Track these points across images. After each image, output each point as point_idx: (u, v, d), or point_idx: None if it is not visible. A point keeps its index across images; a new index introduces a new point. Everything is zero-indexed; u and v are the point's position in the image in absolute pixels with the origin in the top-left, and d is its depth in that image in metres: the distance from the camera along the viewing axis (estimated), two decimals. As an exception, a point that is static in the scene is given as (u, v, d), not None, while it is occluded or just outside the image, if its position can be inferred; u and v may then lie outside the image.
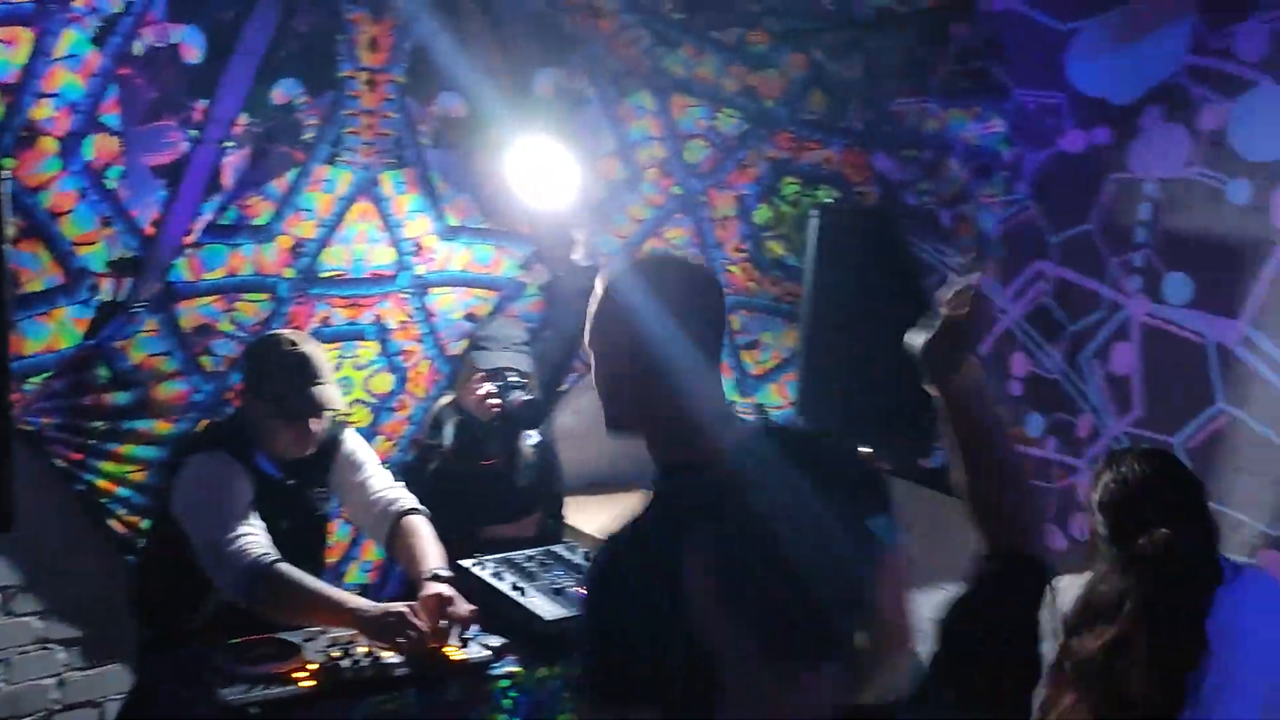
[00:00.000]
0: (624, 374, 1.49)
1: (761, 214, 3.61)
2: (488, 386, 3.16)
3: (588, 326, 1.55)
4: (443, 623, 2.32)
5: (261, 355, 2.60)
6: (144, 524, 3.09)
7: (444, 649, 2.31)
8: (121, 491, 3.05)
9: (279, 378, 2.49)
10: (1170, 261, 2.90)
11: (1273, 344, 2.73)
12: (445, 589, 2.37)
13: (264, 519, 2.44)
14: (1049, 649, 2.09)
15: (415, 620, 2.26)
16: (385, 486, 2.72)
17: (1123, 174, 2.96)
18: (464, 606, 2.35)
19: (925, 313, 3.34)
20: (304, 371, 2.49)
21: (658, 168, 3.56)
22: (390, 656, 2.26)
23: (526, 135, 3.31)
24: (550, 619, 2.38)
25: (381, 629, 2.24)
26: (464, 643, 2.36)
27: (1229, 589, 1.97)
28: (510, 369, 3.21)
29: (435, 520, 3.52)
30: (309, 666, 2.20)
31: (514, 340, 3.36)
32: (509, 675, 2.36)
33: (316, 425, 2.53)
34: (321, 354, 2.57)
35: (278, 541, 2.45)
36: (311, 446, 2.56)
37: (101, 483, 3.02)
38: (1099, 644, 1.91)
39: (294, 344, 2.55)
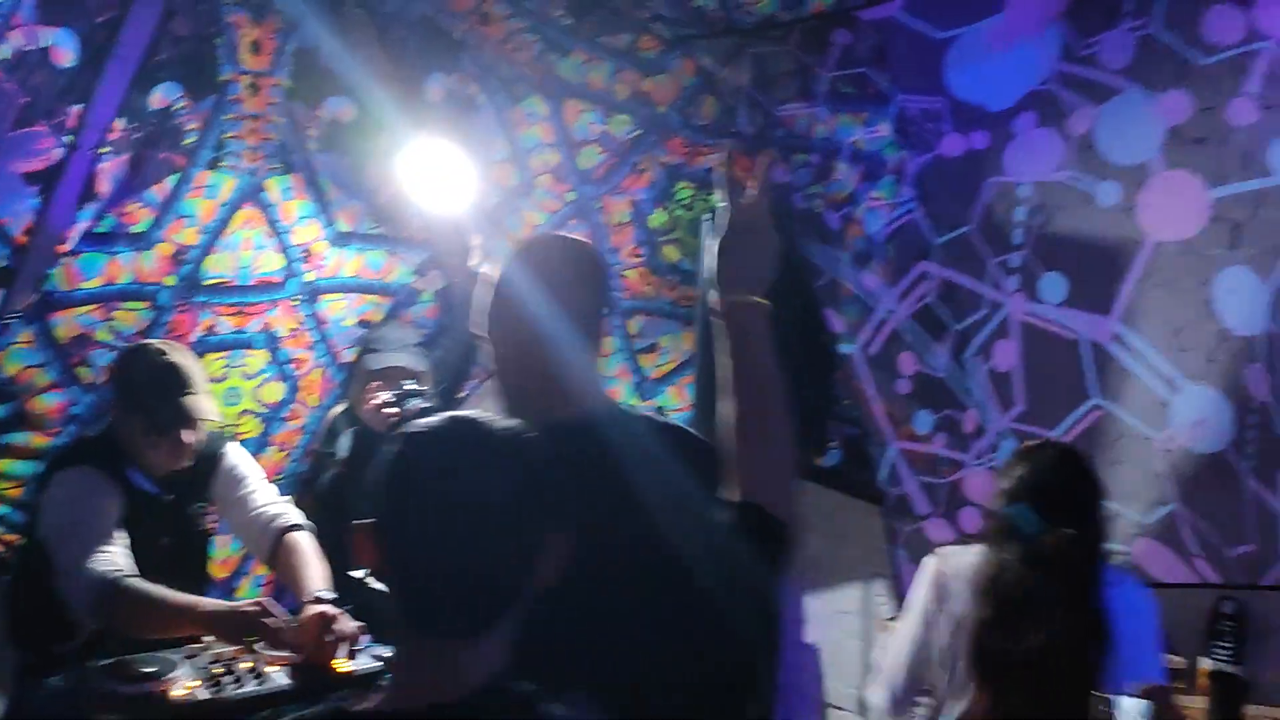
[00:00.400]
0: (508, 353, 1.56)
1: (656, 219, 3.64)
2: (383, 395, 3.12)
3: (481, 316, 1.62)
4: (329, 637, 2.28)
5: (129, 366, 2.51)
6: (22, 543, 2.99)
7: (331, 663, 2.28)
8: (-3, 509, 2.94)
9: (147, 389, 2.41)
10: (1046, 262, 3.01)
11: (1141, 340, 2.86)
12: (327, 609, 2.33)
13: (142, 536, 2.37)
14: (943, 631, 2.17)
15: (272, 609, 2.21)
16: (268, 502, 2.66)
17: (1000, 177, 3.07)
18: (349, 624, 2.32)
19: (815, 314, 3.41)
20: (173, 382, 2.41)
21: (551, 174, 3.57)
22: (274, 670, 2.21)
23: (420, 139, 3.29)
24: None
25: (236, 626, 2.19)
26: (352, 655, 2.32)
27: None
28: (401, 368, 3.17)
29: (331, 531, 3.48)
30: (188, 685, 2.15)
31: (405, 342, 3.32)
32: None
33: (190, 437, 2.45)
34: (192, 363, 2.49)
35: (159, 558, 2.39)
36: (187, 459, 2.49)
37: (-26, 501, 2.91)
38: (1023, 646, 1.92)
39: (162, 353, 2.47)
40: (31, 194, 2.73)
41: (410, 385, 3.14)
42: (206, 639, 2.34)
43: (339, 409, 3.41)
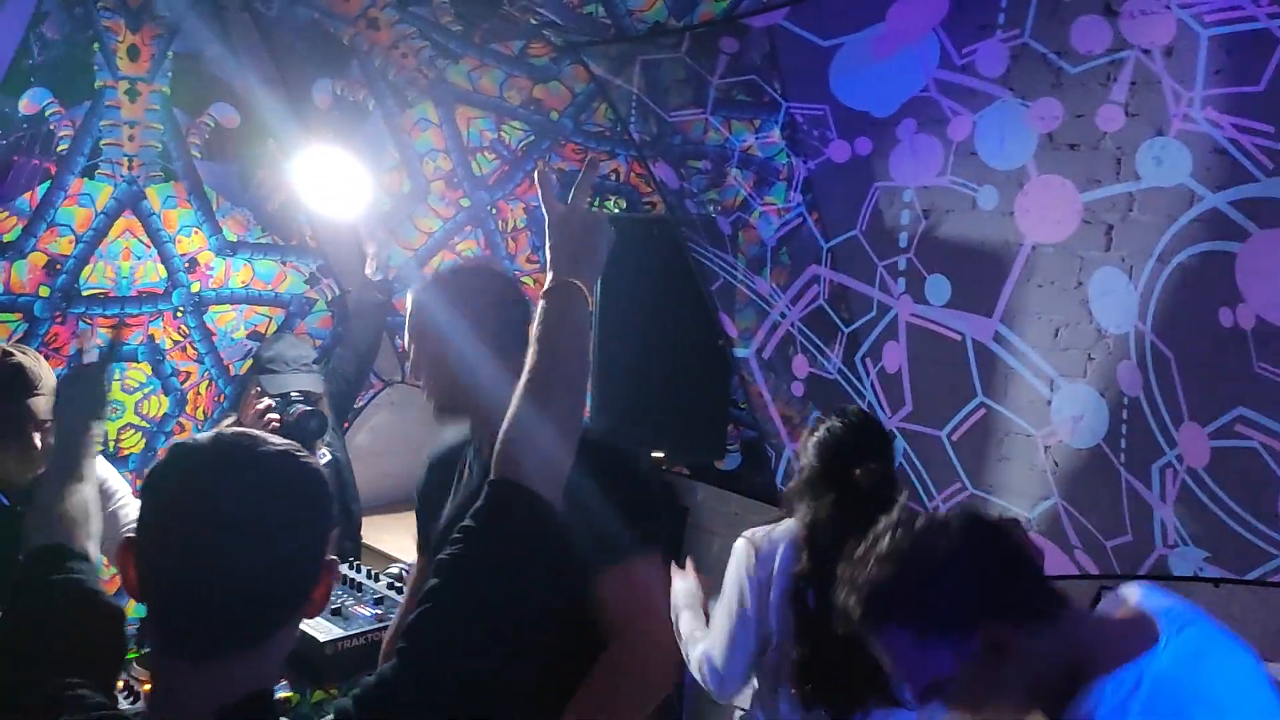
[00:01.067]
0: (439, 372, 1.89)
1: (552, 225, 3.63)
2: (266, 401, 3.06)
3: (407, 334, 1.92)
4: None
5: None
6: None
7: None
8: None
9: None
10: (930, 264, 3.08)
11: (1020, 340, 2.94)
12: None
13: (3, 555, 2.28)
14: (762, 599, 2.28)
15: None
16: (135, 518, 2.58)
17: (885, 182, 3.13)
18: None
19: (710, 318, 3.43)
20: (17, 385, 2.33)
21: (444, 180, 3.54)
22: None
23: (311, 146, 3.23)
24: (326, 640, 2.32)
25: None
26: None
27: None
28: (298, 392, 3.12)
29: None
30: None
31: (302, 361, 3.24)
32: (283, 700, 2.28)
33: (41, 441, 2.37)
34: (40, 365, 2.40)
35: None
36: (40, 465, 2.40)
37: None
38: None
39: (7, 355, 2.37)
40: (-110, 203, 2.62)
41: (294, 393, 3.09)
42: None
43: (227, 423, 3.33)
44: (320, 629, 2.36)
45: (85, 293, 3.11)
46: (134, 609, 2.98)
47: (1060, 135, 2.83)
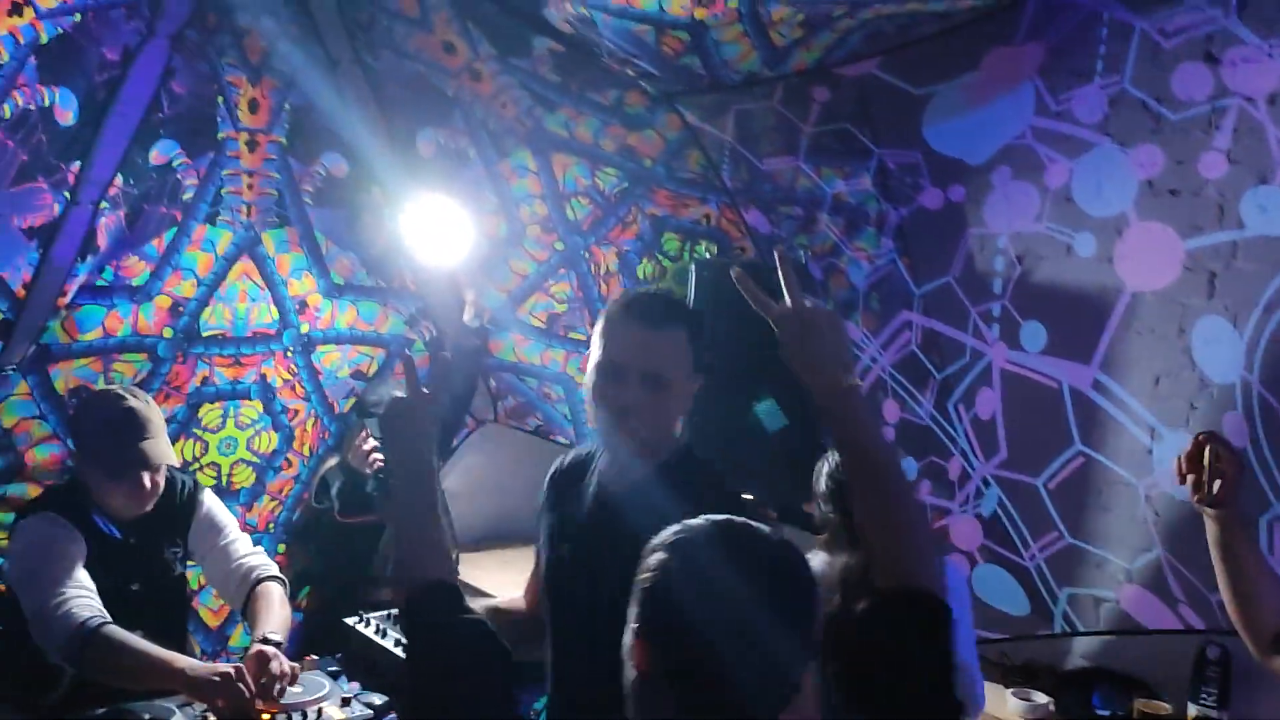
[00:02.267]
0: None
1: (643, 268, 3.70)
2: (372, 442, 3.18)
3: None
4: (264, 677, 2.30)
5: (86, 414, 2.55)
6: (15, 594, 3.01)
7: (269, 706, 2.30)
8: (-10, 560, 2.97)
9: (103, 435, 2.45)
10: (1026, 311, 3.06)
11: (1120, 388, 2.90)
12: (266, 648, 2.35)
13: (110, 582, 2.39)
14: None
15: (241, 683, 2.23)
16: (246, 553, 2.69)
17: (979, 229, 3.13)
18: (284, 664, 2.34)
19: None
20: (128, 427, 2.45)
21: (540, 225, 3.64)
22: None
23: (418, 194, 3.37)
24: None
25: (209, 689, 2.21)
26: (280, 693, 2.33)
27: None
28: None
29: (327, 580, 3.51)
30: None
31: None
32: (380, 728, 2.35)
33: (148, 481, 2.48)
34: (150, 408, 2.52)
35: (129, 603, 2.40)
36: (148, 503, 2.51)
37: (-32, 552, 2.93)
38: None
39: (120, 399, 2.51)
40: (31, 248, 2.79)
41: None
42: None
43: (332, 462, 3.45)
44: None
45: (205, 334, 3.27)
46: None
47: (1161, 182, 2.81)
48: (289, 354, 3.49)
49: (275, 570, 2.66)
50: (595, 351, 1.86)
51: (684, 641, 1.14)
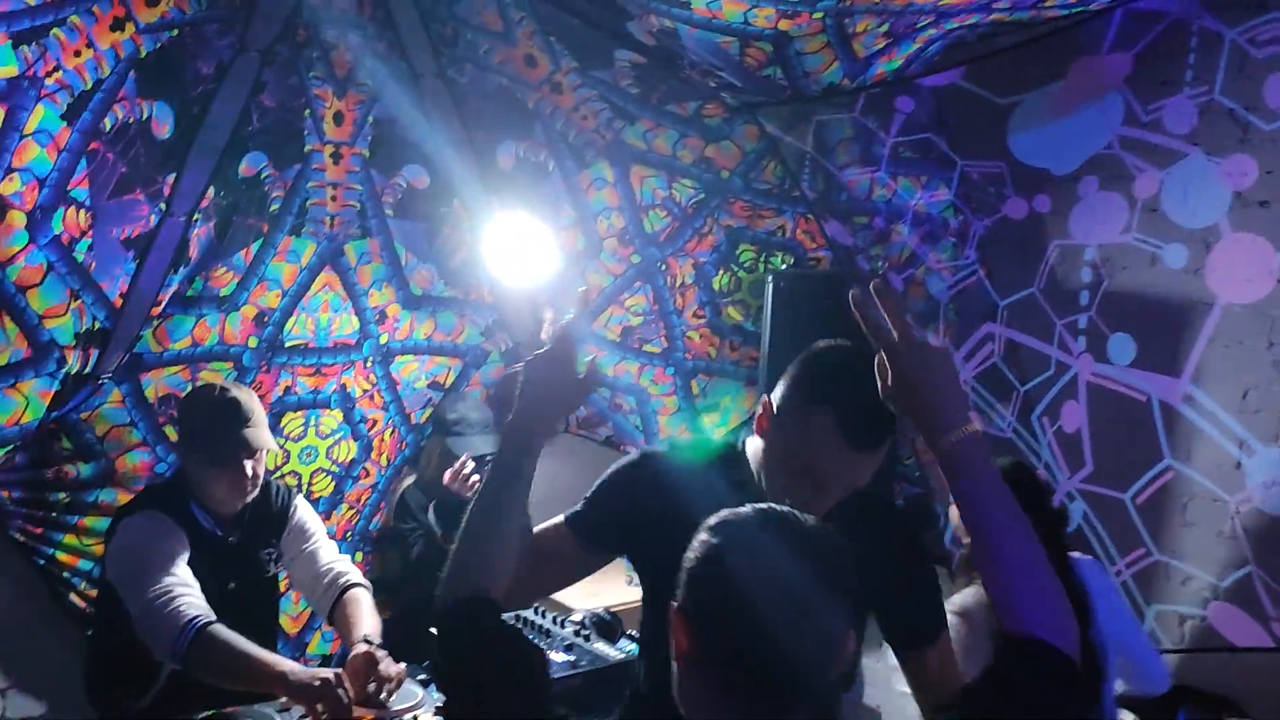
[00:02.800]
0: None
1: (719, 281, 3.70)
2: (468, 463, 3.22)
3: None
4: (371, 685, 2.31)
5: (192, 403, 2.59)
6: (103, 598, 3.06)
7: (367, 712, 2.31)
8: (83, 565, 3.01)
9: (209, 422, 2.48)
10: (1113, 323, 3.03)
11: (1212, 401, 2.86)
12: (374, 650, 2.37)
13: (208, 579, 2.41)
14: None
15: (342, 688, 2.24)
16: (333, 559, 2.72)
17: (1064, 240, 3.11)
18: (392, 666, 2.35)
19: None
20: (233, 414, 2.49)
21: (616, 237, 3.65)
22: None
23: (498, 210, 3.40)
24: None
25: (309, 693, 2.21)
26: (387, 696, 2.34)
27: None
28: (491, 455, 3.25)
29: (403, 592, 3.53)
30: (283, 740, 2.19)
31: (487, 424, 3.40)
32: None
33: (251, 469, 2.52)
34: (251, 399, 2.57)
35: (225, 602, 2.42)
36: (249, 493, 2.55)
37: (62, 556, 2.98)
38: None
39: (224, 390, 2.56)
40: (128, 259, 2.84)
41: (489, 456, 3.24)
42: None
43: (408, 482, 3.45)
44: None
45: (288, 344, 3.30)
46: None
47: (1251, 193, 2.78)
48: (368, 364, 3.52)
49: (361, 577, 2.67)
50: (793, 444, 1.66)
51: (732, 622, 1.15)
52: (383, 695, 2.29)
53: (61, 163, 2.65)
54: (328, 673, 2.24)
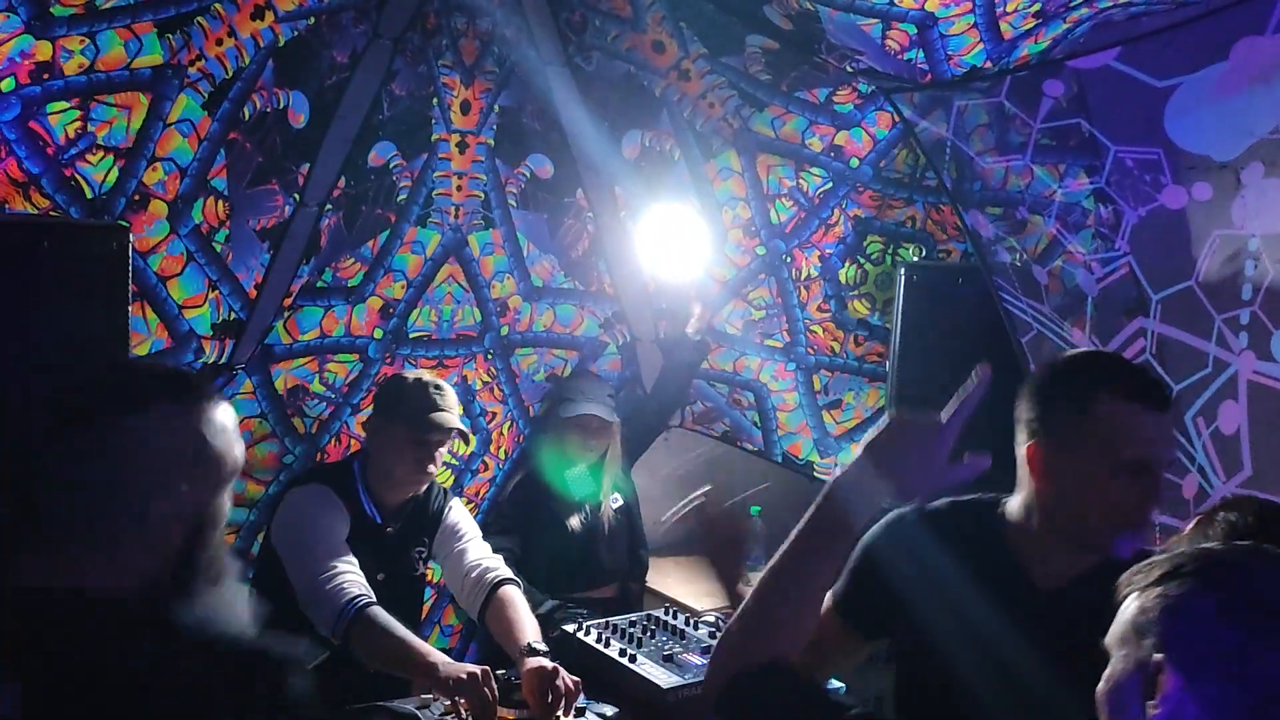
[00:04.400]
0: None
1: (845, 273, 3.58)
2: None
3: None
4: (550, 694, 2.26)
5: (398, 381, 2.69)
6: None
7: (517, 711, 2.27)
8: (213, 555, 3.02)
9: (415, 397, 2.59)
10: (1278, 319, 2.85)
11: (1389, 402, 2.67)
12: (548, 663, 2.32)
13: (361, 566, 2.42)
14: None
15: (489, 686, 2.20)
16: (483, 556, 2.72)
17: (1226, 230, 2.92)
18: (569, 679, 2.30)
19: (1019, 371, 3.29)
20: (437, 394, 2.61)
21: (742, 228, 3.55)
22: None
23: (624, 199, 3.37)
24: (668, 688, 2.31)
25: (457, 687, 2.20)
26: (579, 712, 2.30)
27: None
28: (595, 417, 3.25)
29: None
30: (432, 738, 2.15)
31: (600, 395, 3.35)
32: (622, 747, 2.29)
33: (441, 449, 2.60)
34: (454, 393, 2.69)
35: (375, 592, 2.42)
36: (429, 476, 2.62)
37: (194, 546, 2.98)
38: None
39: (425, 374, 2.71)
40: (263, 249, 2.83)
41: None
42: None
43: (516, 479, 3.42)
44: (659, 676, 2.36)
45: (411, 335, 3.28)
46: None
47: None
48: (489, 356, 3.48)
49: (510, 574, 2.64)
50: (1104, 446, 1.59)
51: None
52: (563, 710, 2.25)
53: (202, 152, 2.65)
54: (475, 669, 2.21)
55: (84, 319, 2.10)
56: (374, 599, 2.31)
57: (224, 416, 1.25)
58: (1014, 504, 1.71)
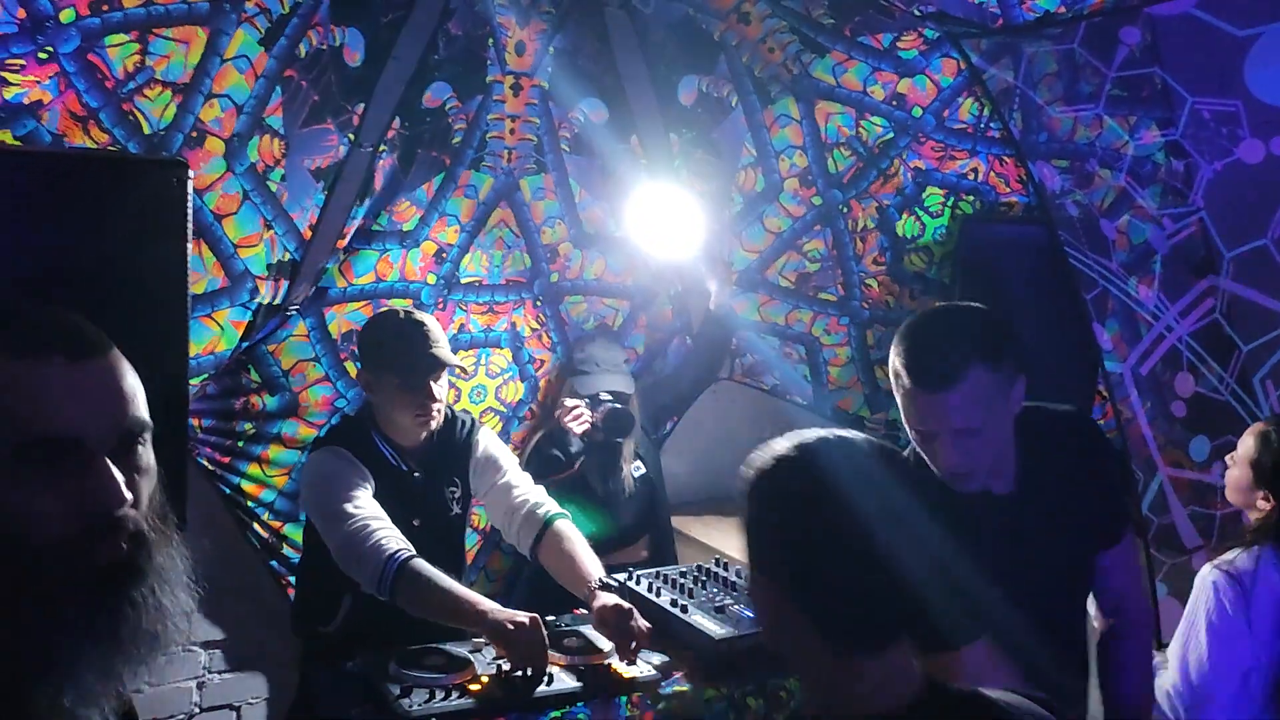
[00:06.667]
0: None
1: (903, 225, 3.51)
2: (573, 402, 3.15)
3: None
4: (626, 640, 2.25)
5: (377, 327, 2.54)
6: (286, 529, 3.08)
7: (569, 657, 2.25)
8: (265, 496, 3.03)
9: (396, 343, 2.45)
10: (1357, 278, 2.76)
11: None
12: (624, 602, 2.30)
13: (393, 516, 2.38)
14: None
15: (541, 633, 2.18)
16: (528, 489, 2.64)
17: (1306, 186, 2.83)
18: (643, 623, 2.28)
19: (1082, 326, 3.21)
20: (419, 335, 2.46)
21: (798, 178, 3.47)
22: (559, 671, 2.19)
23: (678, 146, 3.30)
24: (720, 638, 2.29)
25: (507, 635, 2.16)
26: (631, 660, 2.29)
27: None
28: (608, 392, 3.18)
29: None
30: (482, 679, 2.14)
31: (613, 362, 3.28)
32: (676, 695, 2.28)
33: (439, 390, 2.47)
34: (434, 321, 2.53)
35: (411, 540, 2.38)
36: (434, 417, 2.50)
37: (247, 486, 3.00)
38: None
39: (408, 313, 2.53)
40: (318, 190, 2.80)
41: (604, 394, 3.14)
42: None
43: (537, 438, 3.32)
44: (712, 626, 2.34)
45: (463, 280, 3.25)
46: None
47: None
48: (538, 303, 3.45)
49: (557, 507, 2.60)
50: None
51: None
52: (634, 652, 2.23)
53: (258, 89, 2.62)
54: (525, 617, 2.19)
55: (144, 256, 2.07)
56: (413, 551, 2.27)
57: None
58: None
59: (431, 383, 2.47)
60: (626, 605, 2.28)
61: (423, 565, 2.25)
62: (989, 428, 1.83)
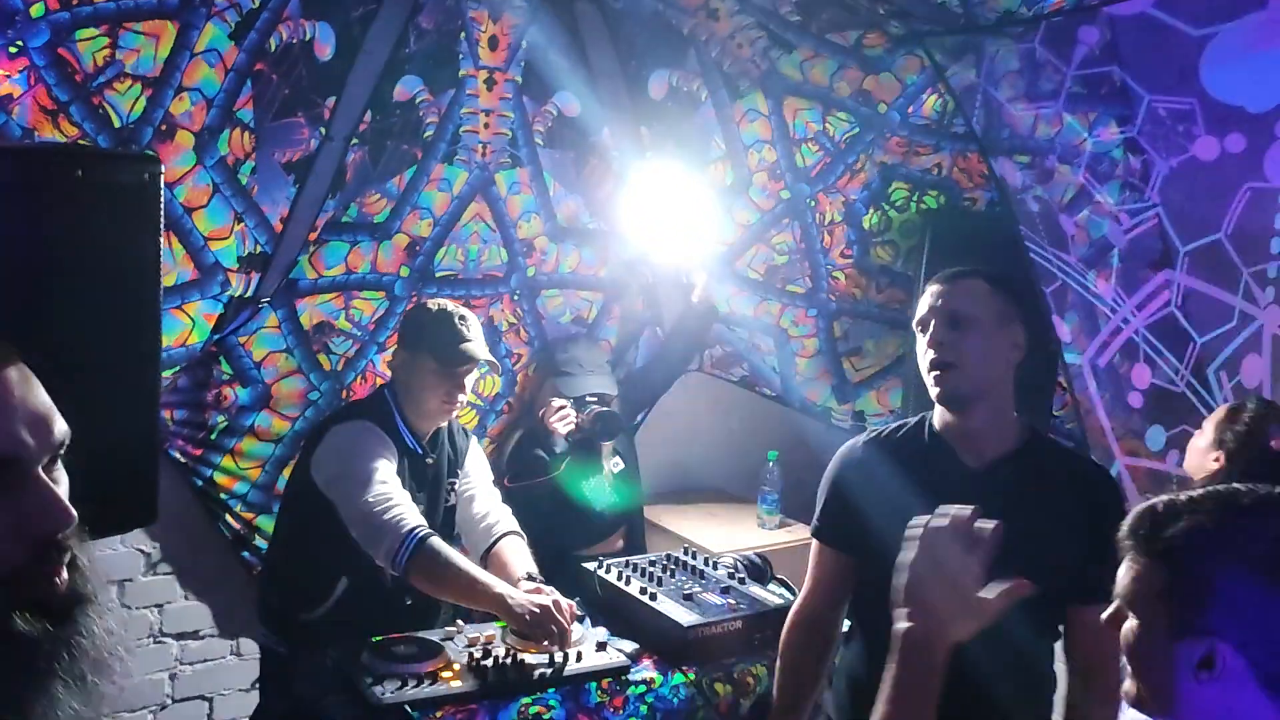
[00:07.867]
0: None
1: (869, 219, 3.56)
2: (560, 402, 3.19)
3: None
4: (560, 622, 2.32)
5: (422, 311, 2.62)
6: (259, 520, 3.09)
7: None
8: (238, 488, 3.05)
9: (439, 326, 2.52)
10: (1307, 273, 2.83)
11: None
12: (548, 588, 2.37)
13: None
14: None
15: (561, 616, 2.25)
16: (492, 506, 2.73)
17: (1258, 182, 2.90)
18: (566, 601, 2.34)
19: (1042, 320, 3.27)
20: (461, 324, 2.54)
21: (767, 171, 3.52)
22: (530, 658, 2.23)
23: (649, 139, 3.32)
24: (689, 625, 2.34)
25: (527, 619, 2.23)
26: (601, 646, 2.34)
27: None
28: (592, 395, 3.24)
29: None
30: (454, 666, 2.18)
31: (596, 363, 3.35)
32: (645, 681, 2.32)
33: (467, 384, 2.55)
34: (476, 321, 2.62)
35: None
36: (458, 406, 2.58)
37: (219, 478, 3.02)
38: None
39: (451, 303, 2.62)
40: (289, 183, 2.82)
41: (589, 396, 3.19)
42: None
43: (517, 435, 3.36)
44: (680, 614, 2.39)
45: (438, 274, 3.27)
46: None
47: None
48: (515, 297, 3.48)
49: (515, 526, 2.67)
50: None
51: None
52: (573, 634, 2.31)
53: (228, 83, 2.64)
54: (546, 600, 2.25)
55: (116, 250, 2.08)
56: (432, 530, 2.32)
57: None
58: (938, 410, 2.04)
59: (465, 374, 2.55)
60: (547, 589, 2.35)
61: (441, 544, 2.31)
62: (977, 334, 1.95)
